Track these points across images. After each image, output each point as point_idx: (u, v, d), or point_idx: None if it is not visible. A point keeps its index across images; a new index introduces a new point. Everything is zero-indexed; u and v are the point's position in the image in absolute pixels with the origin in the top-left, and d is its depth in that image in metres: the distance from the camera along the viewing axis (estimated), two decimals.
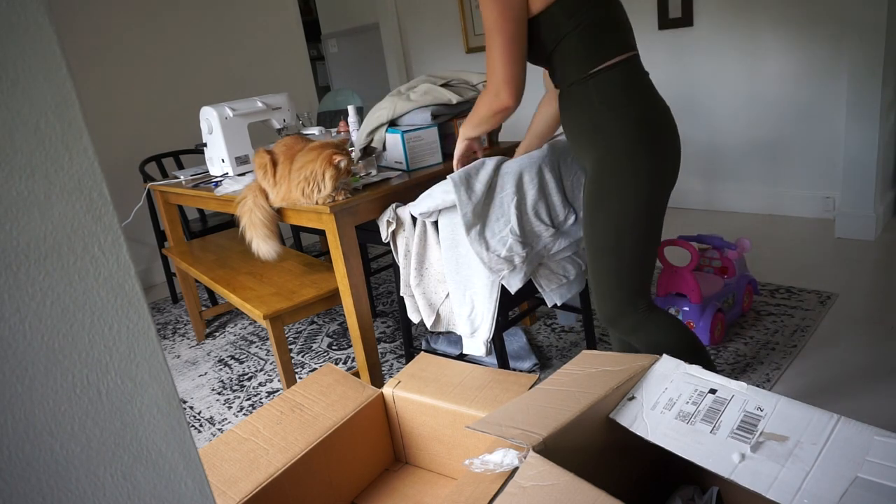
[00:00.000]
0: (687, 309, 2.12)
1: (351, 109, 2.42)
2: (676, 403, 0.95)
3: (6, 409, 0.44)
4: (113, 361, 0.49)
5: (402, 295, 1.88)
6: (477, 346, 1.76)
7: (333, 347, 2.59)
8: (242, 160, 2.31)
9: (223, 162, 2.31)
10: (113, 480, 0.50)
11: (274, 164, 1.85)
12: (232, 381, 2.44)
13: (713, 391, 0.95)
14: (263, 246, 1.90)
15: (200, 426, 2.17)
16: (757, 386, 0.93)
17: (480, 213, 1.64)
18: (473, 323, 1.75)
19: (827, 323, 2.19)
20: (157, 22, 3.64)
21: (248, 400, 2.28)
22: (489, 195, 1.65)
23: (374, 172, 1.97)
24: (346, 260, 1.74)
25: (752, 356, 2.05)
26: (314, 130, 2.65)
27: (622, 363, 1.07)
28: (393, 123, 2.05)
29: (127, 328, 0.50)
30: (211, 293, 3.15)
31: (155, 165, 3.42)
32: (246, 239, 1.93)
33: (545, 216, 1.68)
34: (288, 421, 1.31)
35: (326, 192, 1.69)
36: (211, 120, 2.25)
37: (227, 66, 3.98)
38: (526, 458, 0.85)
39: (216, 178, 2.35)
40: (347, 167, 1.69)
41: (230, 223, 3.12)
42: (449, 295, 1.79)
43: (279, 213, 1.90)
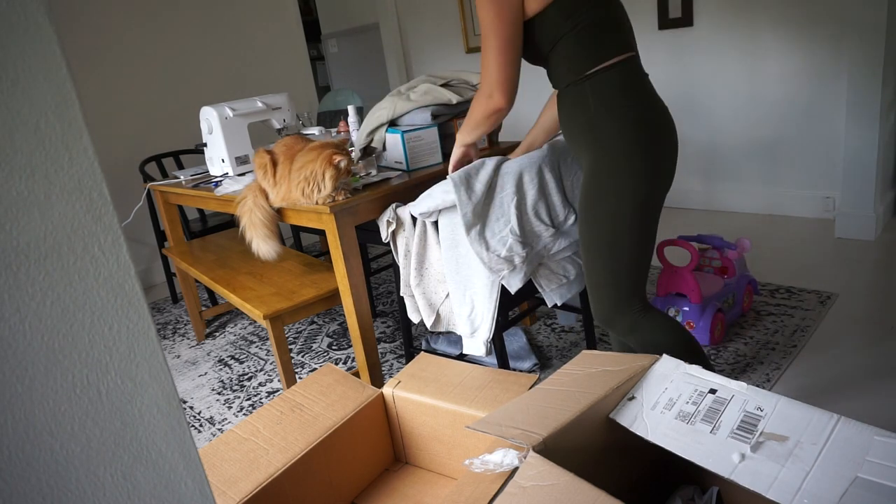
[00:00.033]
0: (687, 309, 2.12)
1: (351, 109, 2.42)
2: (676, 403, 0.95)
3: (6, 409, 0.44)
4: (113, 361, 0.49)
5: (402, 295, 1.88)
6: (477, 346, 1.76)
7: (333, 347, 2.59)
8: (242, 160, 2.31)
9: (223, 162, 2.31)
10: (113, 480, 0.50)
11: (274, 164, 1.85)
12: (232, 381, 2.44)
13: (713, 391, 0.95)
14: (263, 246, 1.90)
15: (200, 426, 2.17)
16: (757, 386, 0.93)
17: (480, 213, 1.64)
18: (473, 323, 1.75)
19: (827, 323, 2.19)
20: (157, 22, 3.64)
21: (248, 400, 2.28)
22: (489, 195, 1.65)
23: (374, 172, 1.97)
24: (346, 260, 1.74)
25: (752, 356, 2.05)
26: (314, 130, 2.65)
27: (622, 363, 1.07)
28: (393, 123, 2.05)
29: (127, 328, 0.50)
30: (211, 293, 3.15)
31: (155, 165, 3.42)
32: (246, 239, 1.93)
33: (545, 216, 1.68)
34: (288, 421, 1.31)
35: (326, 192, 1.69)
36: (211, 120, 2.25)
37: (227, 66, 3.98)
38: (526, 458, 0.85)
39: (216, 178, 2.35)
40: (347, 167, 1.69)
41: (230, 223, 3.12)
42: (449, 295, 1.79)
43: (279, 213, 1.90)
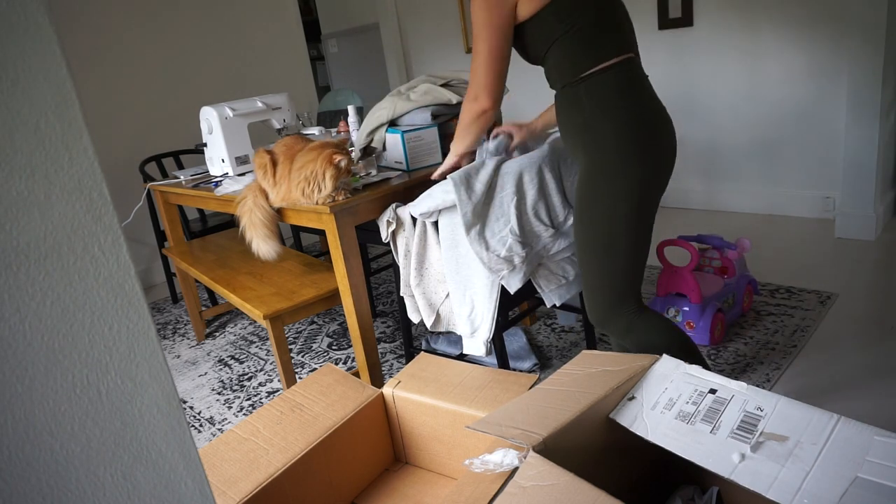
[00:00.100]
0: (687, 309, 2.12)
1: (351, 109, 2.42)
2: (676, 403, 0.95)
3: (6, 409, 0.44)
4: (113, 361, 0.49)
5: (402, 295, 1.88)
6: (477, 346, 1.76)
7: (333, 347, 2.59)
8: (242, 160, 2.31)
9: (223, 162, 2.31)
10: (113, 480, 0.50)
11: (274, 164, 1.85)
12: (232, 381, 2.44)
13: (713, 391, 0.95)
14: (263, 246, 1.90)
15: (200, 426, 2.17)
16: (757, 386, 0.93)
17: (480, 212, 1.64)
18: (473, 323, 1.75)
19: (827, 323, 2.19)
20: (157, 22, 3.63)
21: (248, 400, 2.28)
22: (489, 195, 1.65)
23: (374, 172, 1.97)
24: (346, 260, 1.74)
25: (752, 356, 2.05)
26: (314, 130, 2.65)
27: (622, 363, 1.07)
28: (393, 123, 2.05)
29: (127, 328, 0.50)
30: (211, 293, 3.15)
31: (155, 165, 3.42)
32: (246, 239, 1.93)
33: (545, 216, 1.68)
34: (288, 421, 1.30)
35: (327, 191, 1.69)
36: (211, 120, 2.25)
37: (227, 66, 3.98)
38: (526, 458, 0.85)
39: (216, 178, 2.35)
40: (348, 167, 1.69)
41: (230, 223, 3.12)
42: (449, 295, 1.79)
43: (279, 213, 1.90)
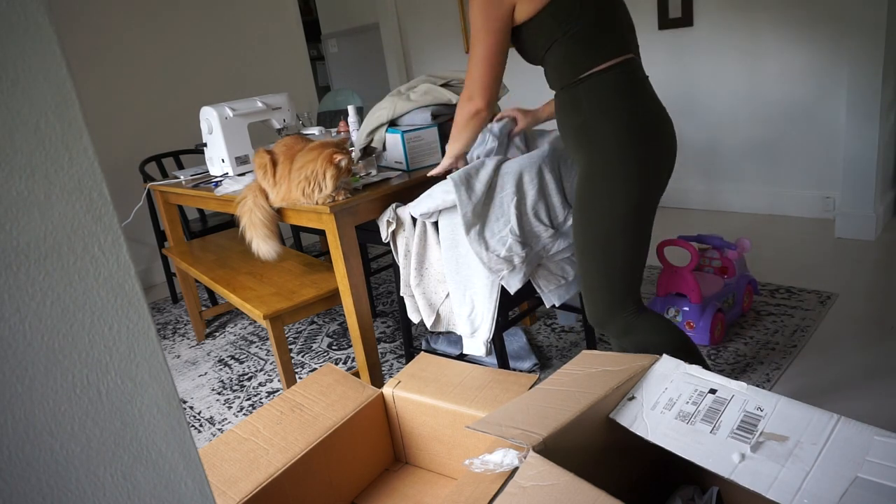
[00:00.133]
0: (687, 309, 2.12)
1: (351, 109, 2.42)
2: (676, 403, 0.95)
3: (6, 409, 0.44)
4: (113, 361, 0.49)
5: (402, 295, 1.88)
6: (477, 346, 1.76)
7: (333, 347, 2.59)
8: (242, 160, 2.31)
9: (223, 162, 2.31)
10: (113, 480, 0.50)
11: (274, 164, 1.85)
12: (232, 381, 2.44)
13: (713, 391, 0.95)
14: (263, 246, 1.90)
15: (200, 426, 2.17)
16: (757, 386, 0.93)
17: (480, 213, 1.64)
18: (473, 323, 1.75)
19: (827, 323, 2.19)
20: (157, 22, 3.63)
21: (248, 400, 2.28)
22: (489, 195, 1.65)
23: (374, 172, 1.97)
24: (346, 260, 1.74)
25: (752, 356, 2.05)
26: (314, 130, 2.65)
27: (622, 363, 1.07)
28: (393, 123, 2.05)
29: (127, 328, 0.50)
30: (211, 293, 3.15)
31: (155, 165, 3.42)
32: (246, 239, 1.93)
33: (544, 217, 1.67)
34: (288, 421, 1.30)
35: (327, 191, 1.69)
36: (211, 120, 2.25)
37: (227, 66, 3.98)
38: (526, 458, 0.85)
39: (216, 178, 2.35)
40: (348, 166, 1.69)
41: (230, 223, 3.12)
42: (449, 295, 1.79)
43: (279, 213, 1.90)
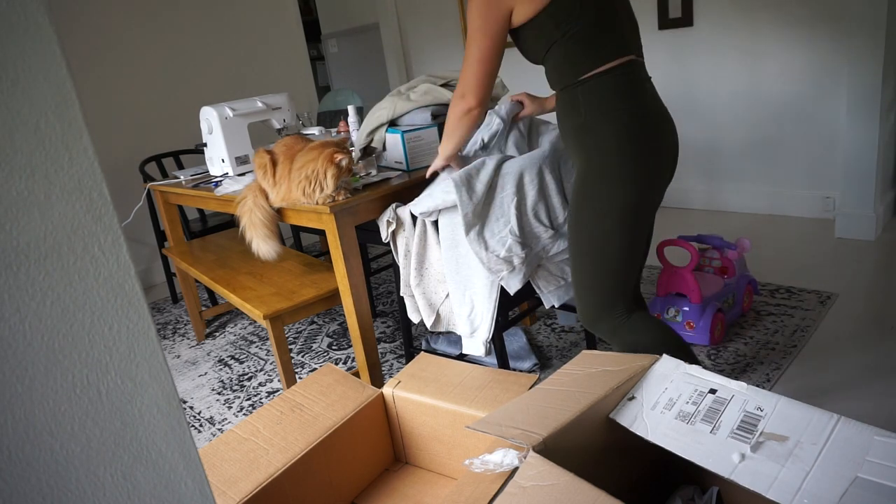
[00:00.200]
0: (687, 309, 2.12)
1: (351, 109, 2.42)
2: (676, 403, 0.95)
3: (6, 409, 0.44)
4: (113, 361, 0.49)
5: (402, 295, 1.88)
6: (476, 346, 1.76)
7: (333, 347, 2.59)
8: (242, 160, 2.31)
9: (223, 162, 2.31)
10: (113, 480, 0.50)
11: (274, 164, 1.85)
12: (232, 381, 2.44)
13: (713, 391, 0.95)
14: (263, 246, 1.90)
15: (200, 426, 2.17)
16: (757, 386, 0.93)
17: (480, 213, 1.64)
18: (473, 323, 1.75)
19: (827, 323, 2.19)
20: (157, 22, 3.63)
21: (248, 400, 2.28)
22: (489, 195, 1.65)
23: (374, 172, 1.97)
24: (346, 260, 1.74)
25: (752, 356, 2.05)
26: (314, 130, 2.65)
27: (622, 363, 1.07)
28: (393, 123, 2.05)
29: (127, 328, 0.50)
30: (211, 293, 3.15)
31: (155, 165, 3.42)
32: (246, 239, 1.93)
33: (544, 217, 1.67)
34: (288, 421, 1.30)
35: (328, 190, 1.69)
36: (211, 120, 2.25)
37: (227, 66, 3.98)
38: (526, 458, 0.85)
39: (216, 178, 2.35)
40: (349, 165, 1.69)
41: (230, 223, 3.12)
42: (449, 295, 1.79)
43: (279, 213, 1.90)
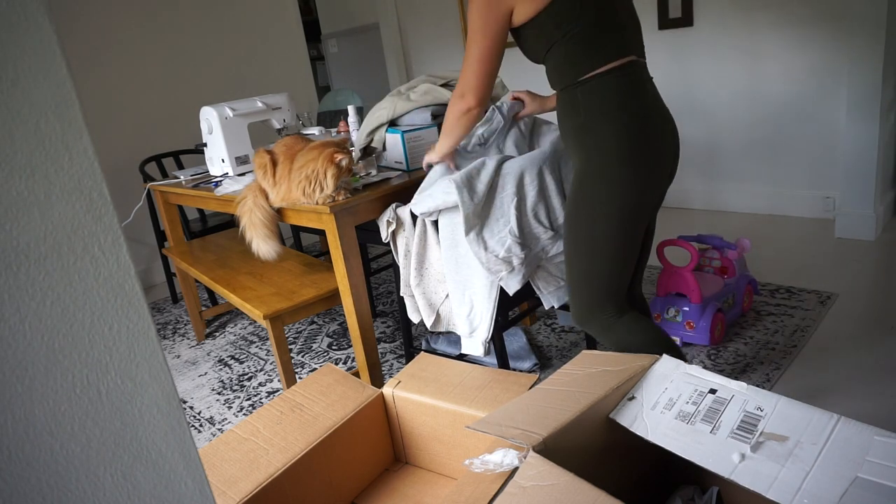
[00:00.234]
0: (687, 309, 2.12)
1: (351, 109, 2.42)
2: (676, 403, 0.95)
3: (6, 409, 0.44)
4: (113, 361, 0.49)
5: (402, 295, 1.88)
6: (475, 345, 1.76)
7: (333, 347, 2.59)
8: (242, 160, 2.31)
9: (223, 162, 2.31)
10: (113, 480, 0.50)
11: (274, 163, 1.85)
12: (232, 381, 2.44)
13: (713, 391, 0.95)
14: (263, 246, 1.90)
15: (200, 426, 2.17)
16: (757, 386, 0.93)
17: (480, 213, 1.64)
18: (472, 322, 1.74)
19: (827, 323, 2.18)
20: (157, 22, 3.63)
21: (248, 400, 2.28)
22: (489, 195, 1.65)
23: (374, 172, 1.97)
24: (346, 260, 1.74)
25: (752, 356, 2.05)
26: (314, 130, 2.65)
27: (622, 363, 1.07)
28: (393, 123, 2.04)
29: (127, 328, 0.50)
30: (211, 293, 3.15)
31: (155, 165, 3.42)
32: (246, 239, 1.93)
33: (544, 218, 1.67)
34: (288, 421, 1.30)
35: (328, 190, 1.69)
36: (211, 120, 2.25)
37: (227, 66, 3.97)
38: (526, 458, 0.85)
39: (216, 178, 2.35)
40: (349, 165, 1.69)
41: (230, 223, 3.12)
42: (449, 295, 1.79)
43: (279, 213, 1.90)
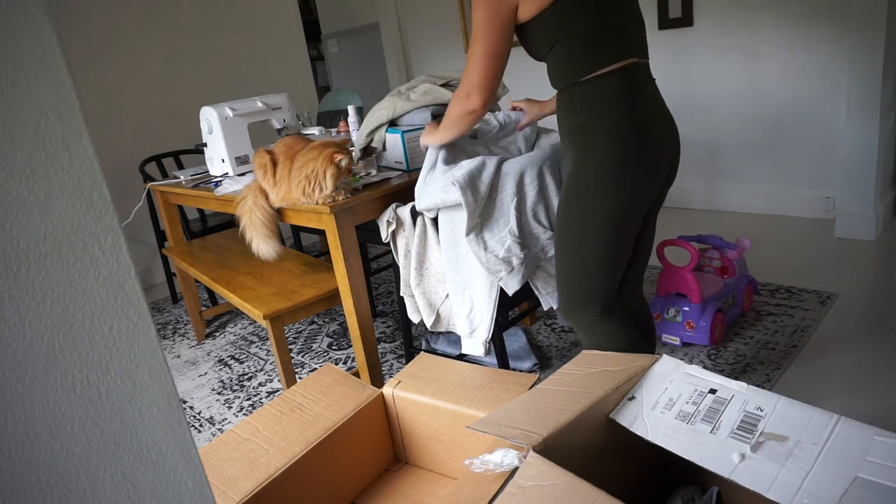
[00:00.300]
0: (687, 309, 2.12)
1: (351, 109, 2.42)
2: (676, 403, 0.95)
3: (6, 409, 0.44)
4: (113, 361, 0.49)
5: (402, 295, 1.88)
6: (475, 345, 1.76)
7: (333, 347, 2.59)
8: (242, 160, 2.31)
9: (223, 162, 2.31)
10: (113, 480, 0.50)
11: (274, 163, 1.85)
12: (232, 381, 2.44)
13: (713, 391, 0.95)
14: (263, 246, 1.90)
15: (200, 426, 2.17)
16: (757, 386, 0.93)
17: (481, 213, 1.64)
18: (472, 322, 1.74)
19: (827, 323, 2.18)
20: (157, 22, 3.63)
21: (248, 400, 2.28)
22: (490, 195, 1.65)
23: (374, 172, 1.97)
24: (346, 260, 1.74)
25: (752, 356, 2.05)
26: (314, 130, 2.65)
27: (622, 363, 1.07)
28: (393, 123, 2.04)
29: (127, 328, 0.50)
30: (211, 293, 3.15)
31: (155, 165, 3.42)
32: (246, 239, 1.93)
33: (544, 219, 1.67)
34: (288, 421, 1.30)
35: (328, 191, 1.69)
36: (211, 120, 2.25)
37: (227, 66, 3.97)
38: (526, 458, 0.85)
39: (216, 178, 2.35)
40: (348, 166, 1.69)
41: (230, 223, 3.12)
42: (448, 295, 1.79)
43: (279, 213, 1.90)
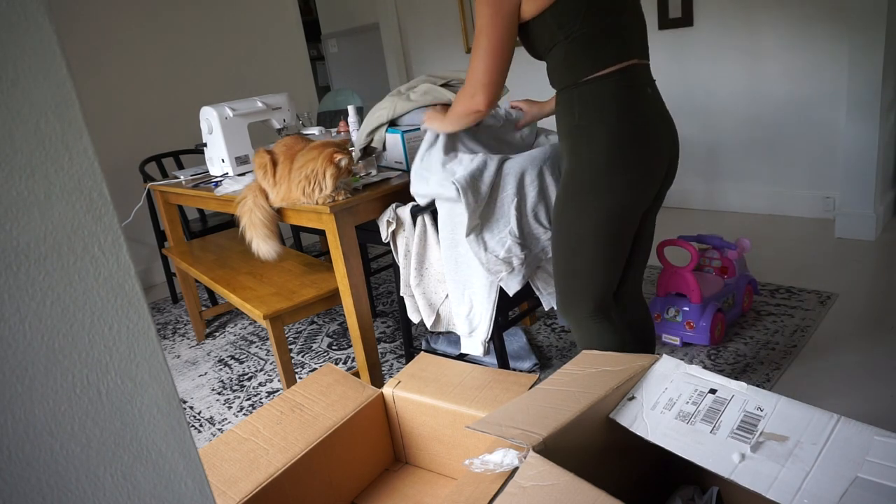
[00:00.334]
0: (687, 309, 2.12)
1: (351, 109, 2.42)
2: (676, 403, 0.95)
3: (6, 409, 0.44)
4: (113, 361, 0.49)
5: (402, 295, 1.88)
6: (475, 345, 1.76)
7: (333, 347, 2.59)
8: (242, 160, 2.31)
9: (223, 162, 2.31)
10: (113, 480, 0.50)
11: (274, 163, 1.85)
12: (232, 381, 2.44)
13: (713, 391, 0.95)
14: (263, 246, 1.90)
15: (200, 426, 2.17)
16: (757, 386, 0.93)
17: (481, 214, 1.64)
18: (471, 322, 1.74)
19: (827, 323, 2.18)
20: (157, 22, 3.63)
21: (248, 400, 2.28)
22: (490, 195, 1.65)
23: (374, 172, 1.97)
24: (346, 260, 1.74)
25: (752, 356, 2.05)
26: (314, 130, 2.65)
27: (622, 363, 1.07)
28: (393, 123, 2.04)
29: (127, 328, 0.50)
30: (211, 293, 3.15)
31: (155, 165, 3.42)
32: (246, 239, 1.93)
33: (544, 219, 1.67)
34: (288, 421, 1.30)
35: (327, 191, 1.69)
36: (211, 120, 2.25)
37: (227, 66, 3.97)
38: (526, 458, 0.85)
39: (216, 178, 2.35)
40: (348, 166, 1.69)
41: (230, 223, 3.12)
42: (448, 295, 1.79)
43: (279, 213, 1.90)
